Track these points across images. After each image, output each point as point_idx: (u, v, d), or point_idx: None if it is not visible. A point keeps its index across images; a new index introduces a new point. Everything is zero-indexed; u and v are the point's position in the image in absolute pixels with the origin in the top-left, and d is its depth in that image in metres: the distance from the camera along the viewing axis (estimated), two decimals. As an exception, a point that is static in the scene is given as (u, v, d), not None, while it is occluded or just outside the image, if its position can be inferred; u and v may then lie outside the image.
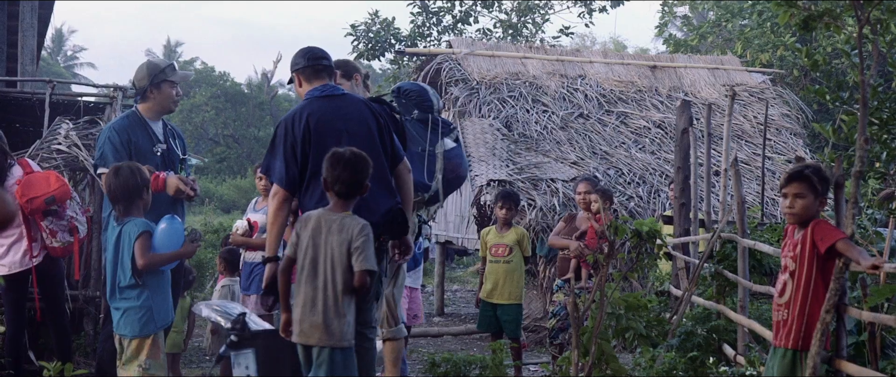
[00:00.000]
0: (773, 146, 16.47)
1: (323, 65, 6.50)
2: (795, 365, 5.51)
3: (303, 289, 5.76)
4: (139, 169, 6.77)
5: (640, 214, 13.94)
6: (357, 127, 6.29)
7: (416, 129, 7.09)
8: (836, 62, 19.54)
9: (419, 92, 7.23)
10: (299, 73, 6.53)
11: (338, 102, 6.38)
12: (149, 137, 7.57)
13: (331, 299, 5.70)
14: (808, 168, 5.69)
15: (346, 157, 5.75)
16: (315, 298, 5.72)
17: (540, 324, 13.03)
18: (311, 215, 5.85)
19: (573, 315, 6.65)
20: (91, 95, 11.54)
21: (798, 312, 5.50)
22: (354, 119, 6.33)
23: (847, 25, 6.54)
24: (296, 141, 6.19)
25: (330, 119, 6.27)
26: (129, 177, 6.66)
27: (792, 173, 5.68)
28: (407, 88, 7.26)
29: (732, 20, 24.52)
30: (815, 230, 5.46)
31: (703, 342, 7.75)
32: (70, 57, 62.48)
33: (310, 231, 5.79)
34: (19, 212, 7.85)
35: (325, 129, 6.23)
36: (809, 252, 5.46)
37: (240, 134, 46.17)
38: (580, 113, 16.55)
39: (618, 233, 6.65)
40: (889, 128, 7.08)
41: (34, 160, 8.73)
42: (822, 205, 5.62)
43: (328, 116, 6.28)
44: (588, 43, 51.05)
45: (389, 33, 25.98)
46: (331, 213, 5.80)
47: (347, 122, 6.29)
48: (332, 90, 6.45)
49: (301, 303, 5.75)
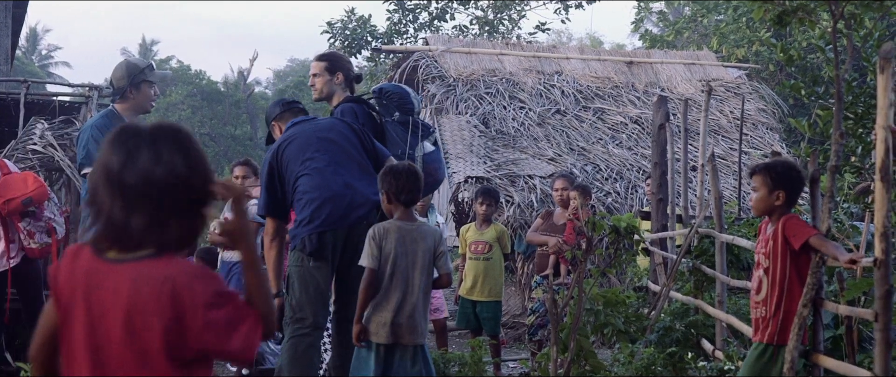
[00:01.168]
0: (750, 141, 16.54)
1: (298, 107, 7.05)
2: (771, 359, 5.55)
3: (393, 295, 6.11)
4: None
5: (618, 210, 13.97)
6: (333, 134, 6.59)
7: (397, 132, 7.11)
8: (812, 57, 19.64)
9: (401, 94, 7.25)
10: (277, 121, 7.04)
11: (312, 121, 6.76)
12: None
13: (420, 301, 6.16)
14: (766, 163, 5.80)
15: (405, 168, 6.23)
16: (404, 301, 6.13)
17: (519, 321, 13.04)
18: (389, 227, 6.16)
19: (552, 311, 6.66)
20: (66, 95, 11.50)
21: (775, 309, 5.54)
22: (327, 128, 6.65)
23: (821, 21, 6.57)
24: (273, 169, 6.54)
25: (304, 131, 6.59)
26: None
27: (750, 168, 5.91)
28: (388, 90, 7.27)
29: (708, 15, 24.60)
30: (786, 226, 5.50)
31: (682, 337, 7.77)
32: (45, 56, 62.05)
33: (393, 240, 6.13)
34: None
35: (300, 140, 6.53)
36: (782, 248, 5.51)
37: (216, 132, 45.98)
38: (557, 109, 16.58)
39: (596, 229, 6.67)
40: (864, 122, 7.11)
41: (9, 160, 8.68)
42: (782, 199, 5.63)
43: (302, 133, 6.60)
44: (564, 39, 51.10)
45: (366, 31, 25.93)
46: (406, 223, 6.21)
47: (320, 130, 6.60)
48: (306, 118, 6.86)
49: (392, 307, 6.10)
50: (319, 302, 6.36)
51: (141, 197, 2.77)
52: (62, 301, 2.87)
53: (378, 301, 6.13)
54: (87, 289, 2.80)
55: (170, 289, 2.74)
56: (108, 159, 2.82)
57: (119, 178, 2.78)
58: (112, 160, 2.81)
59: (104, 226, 2.79)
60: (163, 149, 2.82)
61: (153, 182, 2.78)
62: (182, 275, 2.77)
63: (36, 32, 61.18)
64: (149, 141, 2.83)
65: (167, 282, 2.74)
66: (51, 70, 58.92)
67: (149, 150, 2.81)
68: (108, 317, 2.76)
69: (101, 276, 2.79)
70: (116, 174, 2.79)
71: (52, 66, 60.55)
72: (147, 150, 2.80)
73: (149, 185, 2.78)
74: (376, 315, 6.12)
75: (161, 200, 2.79)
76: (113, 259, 2.80)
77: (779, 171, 5.68)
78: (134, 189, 2.78)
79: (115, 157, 2.81)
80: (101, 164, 2.83)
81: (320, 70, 7.14)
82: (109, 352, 2.76)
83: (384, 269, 6.11)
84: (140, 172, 2.78)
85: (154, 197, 2.78)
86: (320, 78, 7.14)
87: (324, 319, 6.47)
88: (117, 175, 2.79)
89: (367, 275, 6.10)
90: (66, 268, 2.88)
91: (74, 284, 2.83)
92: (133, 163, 2.79)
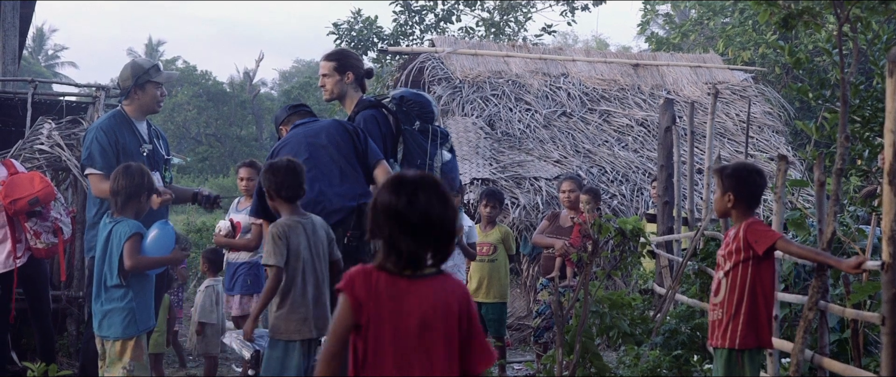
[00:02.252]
0: (756, 144, 16.53)
1: (305, 109, 7.08)
2: (733, 364, 5.48)
3: (308, 290, 6.14)
4: (148, 174, 6.77)
5: (624, 213, 13.97)
6: (318, 137, 6.63)
7: (417, 140, 7.08)
8: (818, 60, 19.62)
9: (422, 103, 7.20)
10: (283, 125, 7.11)
11: (307, 125, 6.78)
12: (136, 137, 7.50)
13: (328, 291, 6.19)
14: (721, 165, 5.84)
15: (283, 164, 6.17)
16: (319, 295, 6.19)
17: (524, 323, 13.05)
18: (290, 223, 6.16)
19: (557, 313, 6.66)
20: (73, 95, 11.52)
21: (734, 311, 5.47)
22: (317, 132, 6.67)
23: (827, 23, 6.57)
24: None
25: (296, 136, 6.67)
26: (138, 176, 6.69)
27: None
28: (410, 98, 7.21)
29: (714, 18, 24.60)
30: (748, 231, 5.47)
31: (687, 340, 7.76)
32: (51, 56, 62.18)
33: (299, 236, 6.13)
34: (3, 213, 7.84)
35: (290, 146, 6.61)
36: (745, 253, 5.47)
37: (222, 133, 46.05)
38: (563, 111, 16.58)
39: (602, 232, 6.67)
40: (871, 125, 7.11)
41: (17, 160, 8.69)
42: (732, 201, 5.61)
43: (294, 137, 6.67)
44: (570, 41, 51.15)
45: (372, 32, 25.97)
46: (301, 218, 6.21)
47: (309, 135, 6.65)
48: (305, 120, 6.89)
49: (309, 302, 6.14)
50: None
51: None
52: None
53: (294, 299, 6.13)
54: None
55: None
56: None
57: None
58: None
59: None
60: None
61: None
62: None
63: (43, 32, 61.31)
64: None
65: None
66: (57, 70, 59.04)
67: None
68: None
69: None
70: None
71: (58, 66, 60.67)
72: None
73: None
74: (293, 313, 6.13)
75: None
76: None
77: (728, 174, 5.66)
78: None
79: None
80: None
81: (329, 70, 7.07)
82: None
83: (295, 266, 6.13)
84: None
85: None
86: (330, 78, 7.06)
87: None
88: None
89: (274, 274, 6.10)
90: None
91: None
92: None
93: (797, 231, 7.17)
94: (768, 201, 12.95)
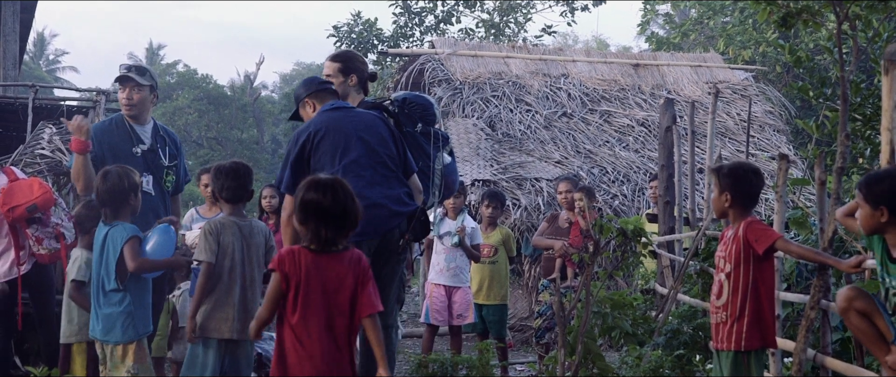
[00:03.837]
0: (757, 143, 16.53)
1: (331, 88, 6.77)
2: (739, 366, 5.47)
3: (234, 289, 6.24)
4: (128, 173, 6.75)
5: (625, 213, 13.97)
6: (370, 133, 6.47)
7: (419, 142, 7.06)
8: (819, 58, 19.62)
9: (425, 105, 7.15)
10: (312, 97, 6.72)
11: (350, 112, 6.59)
12: (129, 139, 7.54)
13: (257, 296, 6.29)
14: (718, 165, 5.83)
15: (227, 167, 6.40)
16: (245, 296, 6.28)
17: (526, 324, 13.05)
18: (225, 222, 6.31)
19: (559, 314, 6.66)
20: (74, 100, 11.52)
21: (738, 313, 5.47)
22: (367, 125, 6.50)
23: (828, 21, 6.57)
24: (305, 151, 6.37)
25: (342, 126, 6.42)
26: (118, 181, 6.65)
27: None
28: (412, 100, 7.16)
29: (714, 17, 24.59)
30: (748, 231, 5.46)
31: (690, 340, 7.76)
32: (52, 61, 62.13)
33: (230, 235, 6.27)
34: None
35: (337, 135, 6.37)
36: (745, 253, 5.46)
37: (223, 136, 46.01)
38: (564, 112, 16.58)
39: (603, 232, 6.67)
40: (872, 124, 7.11)
41: (17, 165, 8.69)
42: (729, 201, 5.60)
43: (339, 124, 6.43)
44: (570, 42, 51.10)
45: (372, 34, 25.98)
46: (239, 219, 6.36)
47: (360, 128, 6.45)
48: (343, 104, 6.67)
49: (235, 302, 6.23)
50: None
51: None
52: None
53: (219, 297, 6.21)
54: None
55: None
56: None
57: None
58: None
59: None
60: None
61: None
62: None
63: (43, 37, 61.28)
64: None
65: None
66: (58, 75, 59.00)
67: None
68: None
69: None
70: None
71: (59, 71, 60.62)
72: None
73: None
74: (219, 311, 6.20)
75: None
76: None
77: (724, 173, 5.66)
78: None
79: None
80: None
81: (334, 71, 7.02)
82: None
83: (223, 264, 6.22)
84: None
85: None
86: (334, 79, 6.99)
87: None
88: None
89: (205, 270, 6.19)
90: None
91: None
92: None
93: (799, 230, 7.17)
94: (770, 200, 12.94)
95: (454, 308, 9.77)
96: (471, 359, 8.86)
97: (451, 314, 9.78)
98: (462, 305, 9.80)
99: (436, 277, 9.85)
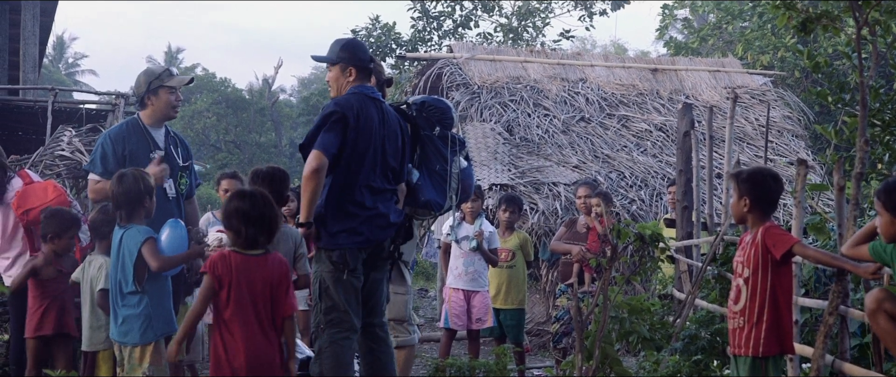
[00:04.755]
0: (775, 148, 16.47)
1: (371, 68, 6.78)
2: (757, 372, 5.45)
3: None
4: (143, 176, 6.78)
5: (643, 218, 13.94)
6: (393, 136, 6.61)
7: (436, 145, 7.07)
8: (838, 63, 19.54)
9: (443, 109, 7.17)
10: (358, 68, 6.65)
11: (382, 107, 6.64)
12: (146, 144, 7.53)
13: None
14: (737, 170, 5.82)
15: (264, 171, 6.87)
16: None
17: (543, 329, 13.03)
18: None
19: (577, 319, 6.65)
20: (93, 103, 11.57)
21: (756, 319, 5.45)
22: (392, 126, 6.63)
23: (847, 27, 6.55)
24: (348, 121, 6.35)
25: (375, 121, 6.50)
26: (133, 183, 6.68)
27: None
28: (431, 104, 7.16)
29: (733, 22, 24.52)
30: (766, 236, 5.46)
31: (707, 345, 7.73)
32: (71, 64, 62.43)
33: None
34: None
35: (370, 127, 6.45)
36: (763, 258, 5.45)
37: (241, 140, 46.14)
38: (581, 116, 16.56)
39: (621, 237, 6.66)
40: (891, 129, 7.08)
41: (37, 167, 8.73)
42: (748, 206, 5.59)
43: (375, 117, 6.51)
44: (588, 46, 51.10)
45: (390, 38, 26.01)
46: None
47: (387, 129, 6.57)
48: (376, 93, 6.70)
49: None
50: (357, 306, 6.40)
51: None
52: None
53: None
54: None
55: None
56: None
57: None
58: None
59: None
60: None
61: None
62: None
63: (63, 40, 61.59)
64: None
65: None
66: (77, 78, 59.29)
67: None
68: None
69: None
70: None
71: (78, 74, 60.92)
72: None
73: None
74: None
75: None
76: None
77: (743, 178, 5.67)
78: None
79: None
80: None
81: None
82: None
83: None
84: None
85: None
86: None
87: (360, 322, 6.49)
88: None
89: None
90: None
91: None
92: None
93: (817, 235, 7.14)
94: (788, 206, 12.89)
95: (473, 312, 9.76)
96: (488, 363, 8.85)
97: (470, 318, 9.77)
98: (481, 309, 9.79)
99: (454, 281, 9.84)
